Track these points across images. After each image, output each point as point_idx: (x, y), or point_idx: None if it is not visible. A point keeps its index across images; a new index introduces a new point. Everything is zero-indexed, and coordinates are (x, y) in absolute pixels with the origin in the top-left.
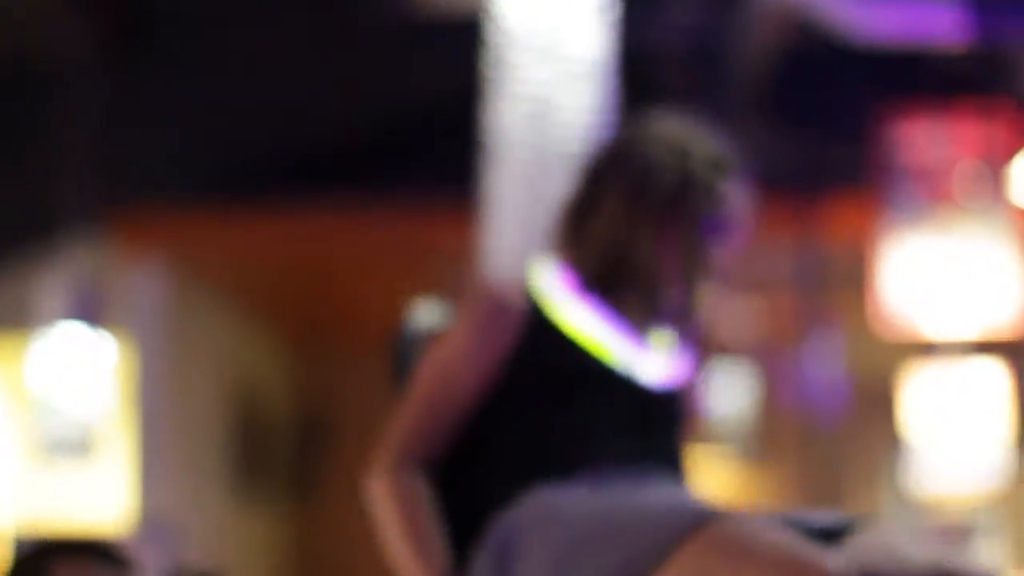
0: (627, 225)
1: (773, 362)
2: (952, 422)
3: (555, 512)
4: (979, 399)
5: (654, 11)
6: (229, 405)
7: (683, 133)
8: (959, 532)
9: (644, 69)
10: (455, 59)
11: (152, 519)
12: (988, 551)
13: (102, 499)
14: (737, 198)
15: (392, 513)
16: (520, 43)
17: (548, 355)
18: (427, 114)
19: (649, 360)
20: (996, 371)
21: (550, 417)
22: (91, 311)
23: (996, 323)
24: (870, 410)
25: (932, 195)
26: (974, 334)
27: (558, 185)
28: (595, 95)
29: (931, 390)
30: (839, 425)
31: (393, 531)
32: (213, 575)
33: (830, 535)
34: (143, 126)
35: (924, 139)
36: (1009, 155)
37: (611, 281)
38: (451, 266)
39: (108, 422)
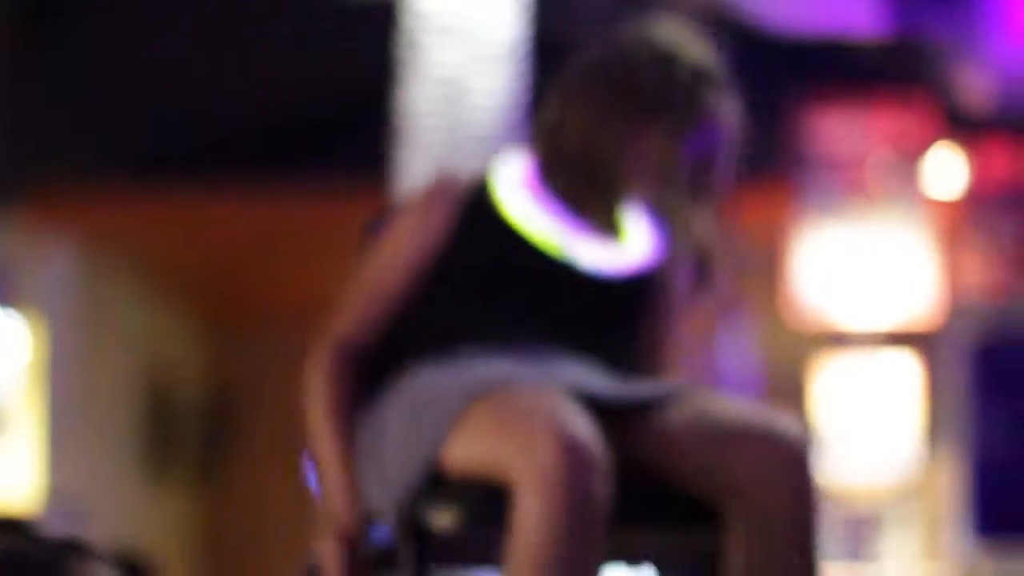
0: (599, 124)
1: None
2: (863, 413)
3: (409, 382)
4: (890, 391)
5: None
6: (140, 384)
7: (674, 40)
8: (869, 522)
9: (558, 53)
10: (369, 41)
11: (59, 497)
12: (899, 541)
13: (11, 477)
14: (724, 112)
15: (316, 393)
16: (433, 25)
17: (476, 237)
18: (340, 97)
19: (600, 251)
20: (907, 363)
21: (464, 296)
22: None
23: (908, 315)
24: (781, 400)
25: (846, 186)
26: (886, 325)
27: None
28: (508, 78)
29: (842, 381)
30: None
31: (315, 410)
32: (140, 563)
33: (641, 406)
34: (55, 102)
35: (839, 129)
36: (923, 147)
37: (572, 176)
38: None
39: (17, 401)
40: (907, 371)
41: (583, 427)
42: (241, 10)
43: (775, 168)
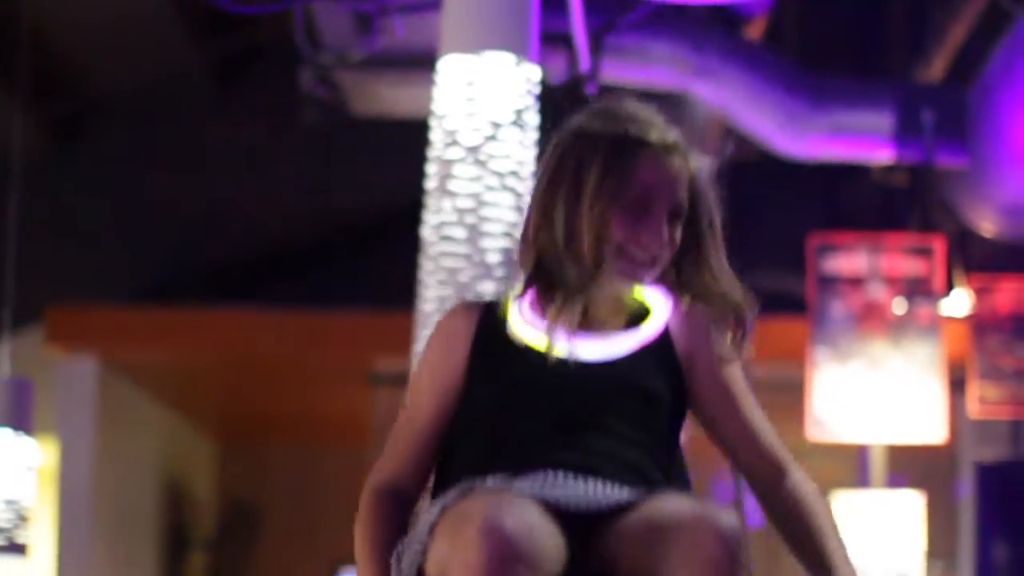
0: (548, 222)
1: (705, 474)
2: (876, 538)
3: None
4: (899, 519)
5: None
6: (154, 498)
7: (603, 112)
8: None
9: None
10: (388, 162)
11: None
12: None
13: None
14: (670, 164)
15: (359, 531)
16: (457, 147)
17: (488, 366)
18: (356, 219)
19: (600, 343)
20: (914, 500)
21: (479, 412)
22: (18, 415)
23: (921, 433)
24: None
25: (863, 320)
26: (900, 441)
27: (489, 290)
28: (521, 199)
29: (857, 508)
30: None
31: (358, 547)
32: None
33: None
34: (71, 226)
35: (856, 265)
36: (940, 283)
37: (543, 277)
38: (378, 367)
39: (36, 520)
40: (914, 504)
41: (515, 524)
42: (262, 136)
43: (795, 301)
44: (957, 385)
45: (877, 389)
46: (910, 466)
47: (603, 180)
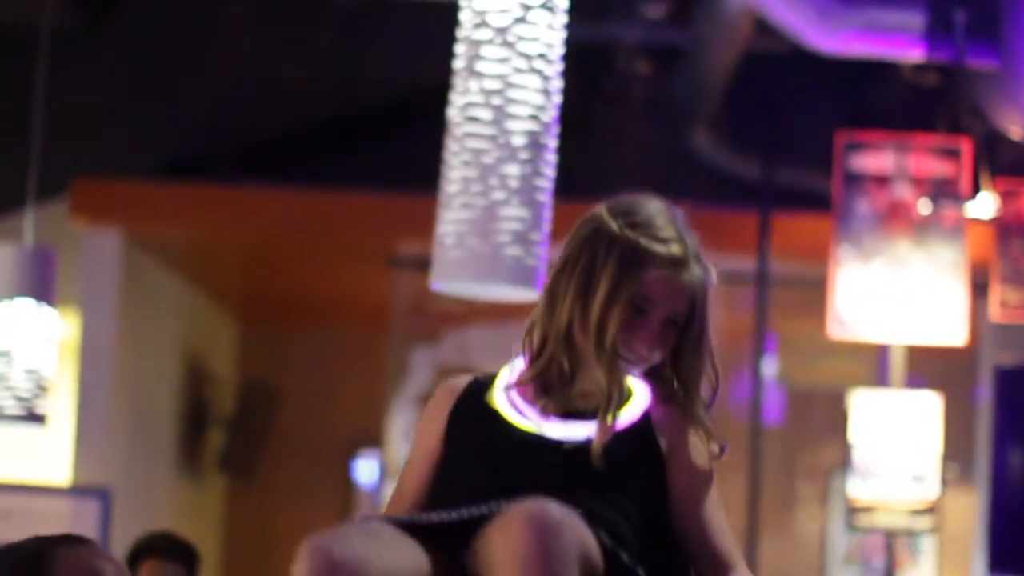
0: (548, 311)
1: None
2: (893, 437)
3: None
4: (917, 419)
5: (614, 11)
6: (174, 377)
7: (624, 213)
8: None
9: (603, 62)
10: (416, 43)
11: (89, 484)
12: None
13: (50, 464)
14: (678, 276)
15: None
16: (485, 25)
17: (460, 426)
18: (382, 99)
19: (568, 427)
20: (932, 402)
21: (443, 473)
22: (40, 285)
23: (942, 333)
24: (819, 420)
25: (888, 219)
26: (921, 342)
27: (513, 173)
28: (545, 89)
29: (875, 407)
30: (787, 433)
31: None
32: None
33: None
34: (97, 98)
35: (882, 164)
36: (966, 186)
37: (538, 357)
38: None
39: (56, 391)
40: (931, 405)
41: (344, 551)
42: (290, 13)
43: (818, 198)
44: (979, 288)
45: (899, 289)
46: (930, 367)
47: (610, 287)
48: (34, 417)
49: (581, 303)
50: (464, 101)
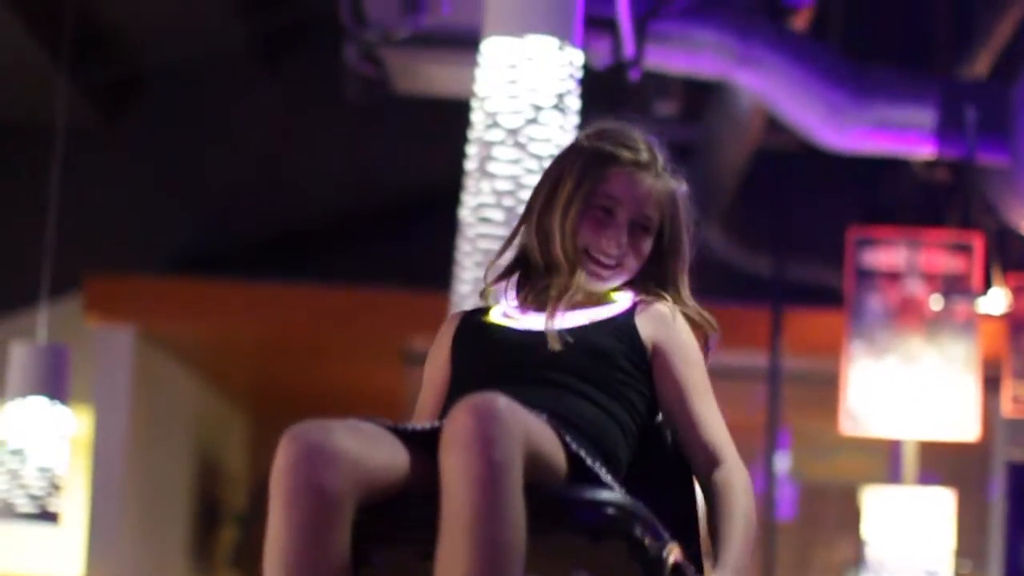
0: (525, 222)
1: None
2: (906, 534)
3: None
4: (930, 516)
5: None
6: (189, 473)
7: (595, 131)
8: None
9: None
10: (428, 142)
11: None
12: None
13: (62, 561)
14: (644, 180)
15: None
16: (497, 126)
17: (461, 343)
18: (395, 197)
19: (541, 320)
20: (945, 498)
21: (452, 390)
22: (54, 383)
23: (954, 430)
24: (832, 515)
25: (900, 315)
26: (933, 437)
27: None
28: None
29: (888, 504)
30: (800, 528)
31: None
32: None
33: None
34: (113, 197)
35: (894, 260)
36: (978, 281)
37: (521, 269)
38: (412, 346)
39: (69, 488)
40: (945, 501)
41: (321, 435)
42: (307, 111)
43: (831, 296)
44: (991, 383)
45: (912, 385)
46: (942, 463)
47: (575, 189)
48: (47, 516)
49: (553, 210)
50: (476, 202)
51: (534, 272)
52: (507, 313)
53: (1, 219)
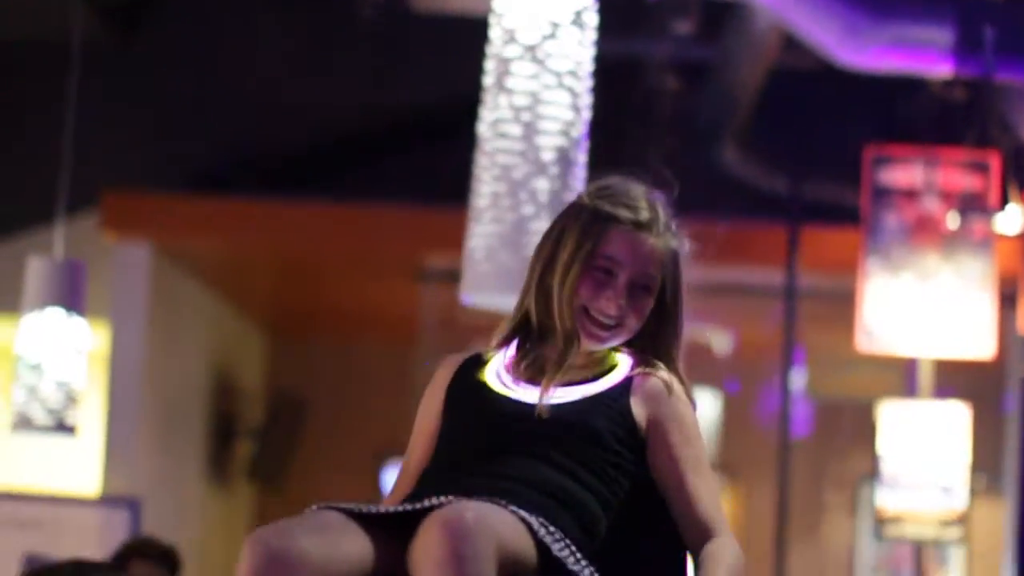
0: (528, 283)
1: (754, 381)
2: (921, 448)
3: None
4: (945, 430)
5: (643, 27)
6: (203, 387)
7: (596, 190)
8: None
9: (631, 78)
10: (446, 59)
11: (119, 495)
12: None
13: (79, 475)
14: (643, 241)
15: None
16: (516, 44)
17: (454, 400)
18: (412, 114)
19: (534, 393)
20: (961, 413)
21: (438, 447)
22: (71, 296)
23: (970, 348)
24: (847, 431)
25: (916, 232)
26: (949, 355)
27: (543, 187)
28: (574, 105)
29: (903, 418)
30: (816, 444)
31: None
32: (173, 552)
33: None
34: (132, 111)
35: (911, 178)
36: (995, 199)
37: (523, 331)
38: (427, 263)
39: (86, 402)
40: (961, 416)
41: (283, 541)
42: (325, 28)
43: (847, 212)
44: (1007, 301)
45: (927, 302)
46: (958, 379)
47: (575, 250)
48: (64, 428)
49: (551, 265)
50: (494, 117)
51: (533, 337)
52: (500, 376)
53: (18, 136)
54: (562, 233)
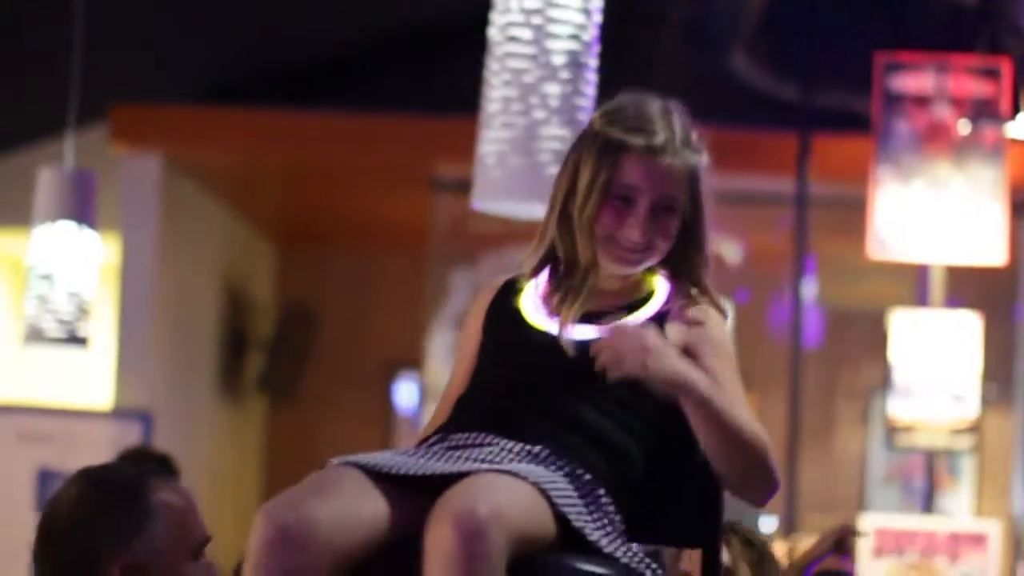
0: (550, 213)
1: (764, 291)
2: (932, 357)
3: None
4: (957, 339)
5: None
6: (213, 299)
7: (609, 109)
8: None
9: None
10: None
11: (131, 407)
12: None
13: (91, 387)
14: (642, 169)
15: None
16: None
17: (490, 330)
18: (422, 23)
19: (577, 327)
20: (972, 321)
21: (475, 376)
22: (82, 208)
23: (981, 254)
24: (858, 340)
25: (927, 139)
26: (961, 261)
27: (554, 92)
28: (589, 2)
29: (915, 327)
30: (827, 354)
31: None
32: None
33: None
34: (138, 23)
35: (922, 84)
36: (1006, 106)
37: (552, 260)
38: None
39: (97, 314)
40: (972, 325)
41: (295, 513)
42: None
43: (857, 120)
44: (1019, 208)
45: (939, 209)
46: (969, 287)
47: (591, 182)
48: (76, 340)
49: (570, 197)
50: (504, 20)
51: (560, 268)
52: (535, 306)
53: (26, 49)
54: (577, 164)
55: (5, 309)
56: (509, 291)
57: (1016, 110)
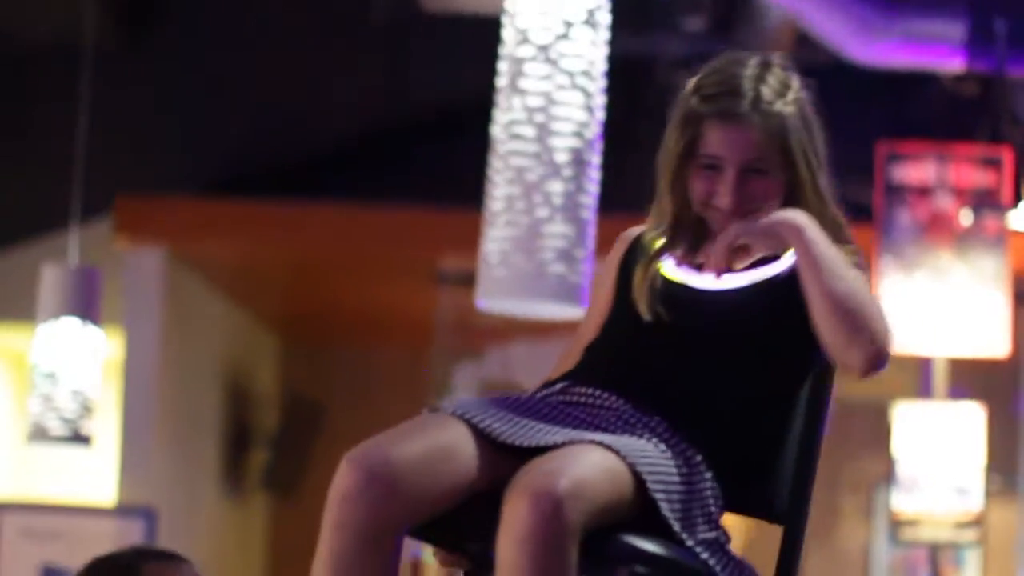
0: (660, 182)
1: None
2: (936, 450)
3: None
4: (960, 431)
5: (655, 25)
6: (220, 395)
7: (707, 68)
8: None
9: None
10: (458, 60)
11: (134, 504)
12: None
13: (95, 485)
14: (722, 136)
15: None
16: (529, 45)
17: (623, 280)
18: (424, 116)
19: (703, 278)
20: (976, 413)
21: (604, 327)
22: (85, 305)
23: (982, 347)
24: (862, 432)
25: (929, 230)
26: (962, 354)
27: (557, 190)
28: (589, 105)
29: (918, 419)
30: (830, 446)
31: None
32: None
33: None
34: (143, 115)
35: (923, 174)
36: (1008, 195)
37: (676, 232)
38: (443, 266)
39: (100, 410)
40: (976, 416)
41: (383, 461)
42: (334, 29)
43: (859, 210)
44: (1022, 298)
45: (941, 300)
46: (972, 379)
47: (678, 153)
48: (80, 438)
49: (668, 164)
50: (507, 118)
51: (682, 226)
52: (670, 257)
53: (31, 142)
54: (669, 134)
55: (8, 405)
56: (640, 244)
57: (1018, 199)
